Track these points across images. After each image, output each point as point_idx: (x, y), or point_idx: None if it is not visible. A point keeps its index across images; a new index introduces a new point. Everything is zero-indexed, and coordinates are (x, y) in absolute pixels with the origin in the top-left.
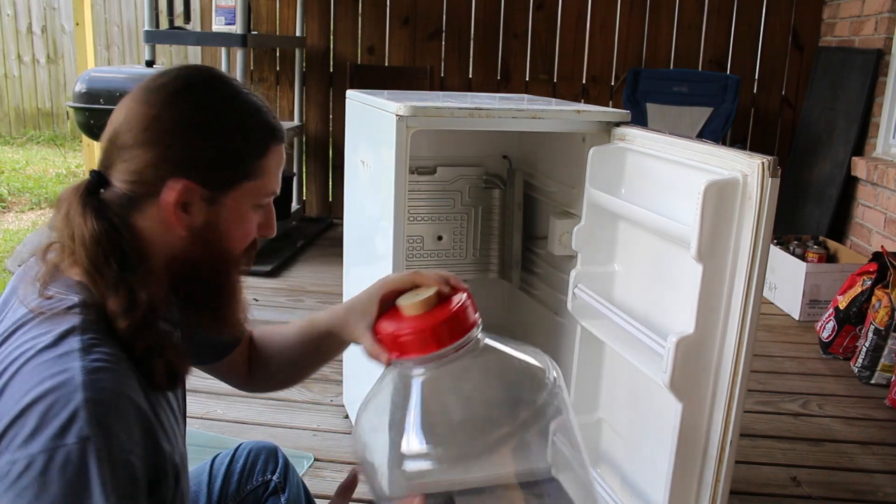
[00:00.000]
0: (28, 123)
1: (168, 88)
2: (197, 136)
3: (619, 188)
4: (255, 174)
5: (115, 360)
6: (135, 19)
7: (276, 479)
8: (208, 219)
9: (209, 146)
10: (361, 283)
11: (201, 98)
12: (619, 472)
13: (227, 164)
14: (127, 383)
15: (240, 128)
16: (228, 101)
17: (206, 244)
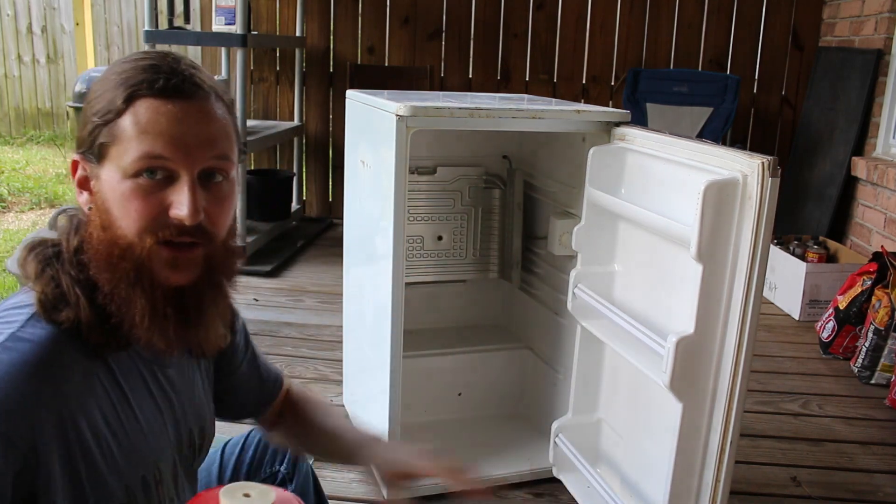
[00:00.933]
0: (28, 123)
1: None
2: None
3: (619, 188)
4: (119, 135)
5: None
6: (135, 19)
7: (284, 469)
8: (98, 195)
9: (84, 115)
10: (361, 283)
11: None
12: (619, 472)
13: (89, 132)
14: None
15: (102, 88)
16: (111, 68)
17: (101, 227)
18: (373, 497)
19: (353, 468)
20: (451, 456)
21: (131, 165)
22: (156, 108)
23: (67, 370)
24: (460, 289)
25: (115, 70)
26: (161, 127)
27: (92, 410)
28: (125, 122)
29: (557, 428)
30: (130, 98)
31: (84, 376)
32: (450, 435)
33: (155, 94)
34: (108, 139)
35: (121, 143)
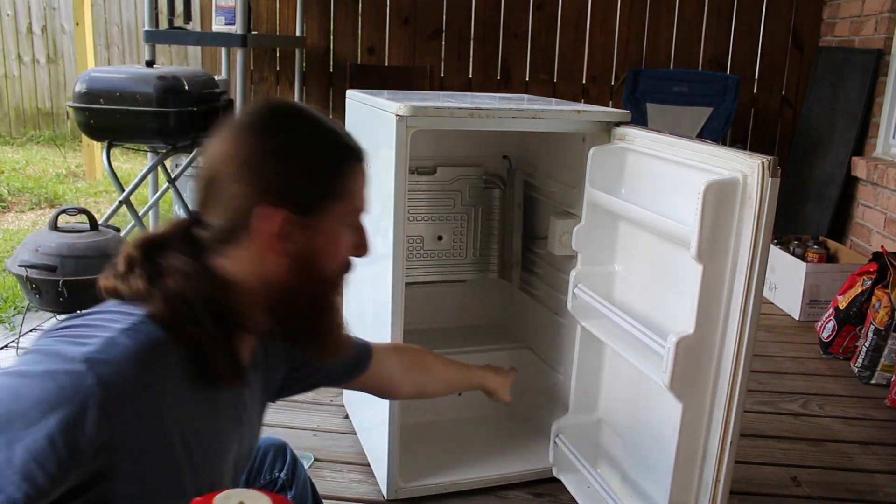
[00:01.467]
0: (28, 123)
1: (252, 124)
2: (283, 163)
3: (619, 188)
4: (342, 194)
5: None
6: (135, 19)
7: (284, 476)
8: (304, 244)
9: (295, 172)
10: (361, 283)
11: (282, 128)
12: (619, 472)
13: (314, 188)
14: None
15: (321, 151)
16: (308, 128)
17: (304, 269)
18: (373, 497)
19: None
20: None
21: (350, 218)
22: (362, 172)
23: (172, 371)
24: (460, 289)
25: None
26: (364, 187)
27: (184, 413)
28: (347, 184)
29: (557, 428)
30: (348, 163)
31: (183, 380)
32: (450, 435)
33: (360, 161)
34: (331, 197)
35: (342, 200)
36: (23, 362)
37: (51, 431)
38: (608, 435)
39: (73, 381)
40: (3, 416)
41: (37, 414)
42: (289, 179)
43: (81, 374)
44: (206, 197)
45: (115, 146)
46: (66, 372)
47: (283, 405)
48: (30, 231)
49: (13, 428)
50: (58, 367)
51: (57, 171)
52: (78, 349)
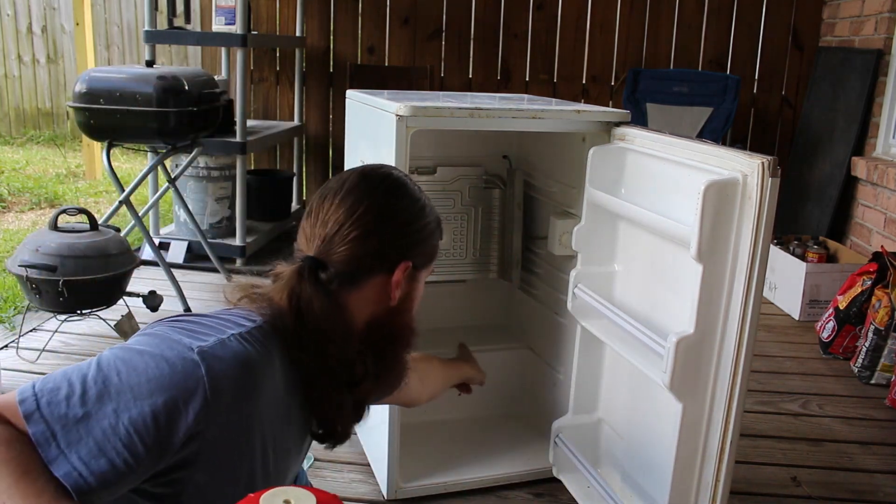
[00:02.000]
0: (28, 123)
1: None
2: (410, 223)
3: (619, 188)
4: (436, 254)
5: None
6: (135, 19)
7: None
8: (408, 291)
9: (418, 231)
10: None
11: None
12: (619, 472)
13: (428, 247)
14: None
15: (430, 218)
16: (418, 197)
17: (403, 312)
18: (373, 497)
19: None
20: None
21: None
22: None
23: (270, 382)
24: (460, 289)
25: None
26: None
27: (271, 425)
28: (438, 246)
29: (557, 428)
30: (442, 229)
31: (278, 395)
32: (450, 435)
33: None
34: (434, 253)
35: (435, 258)
36: (140, 342)
37: (157, 408)
38: (608, 435)
39: (186, 367)
40: (116, 385)
41: (147, 390)
42: (415, 239)
43: (195, 363)
44: (331, 245)
45: (115, 146)
46: (181, 358)
47: None
48: (30, 231)
49: (123, 398)
50: (175, 352)
51: (57, 171)
52: (195, 342)
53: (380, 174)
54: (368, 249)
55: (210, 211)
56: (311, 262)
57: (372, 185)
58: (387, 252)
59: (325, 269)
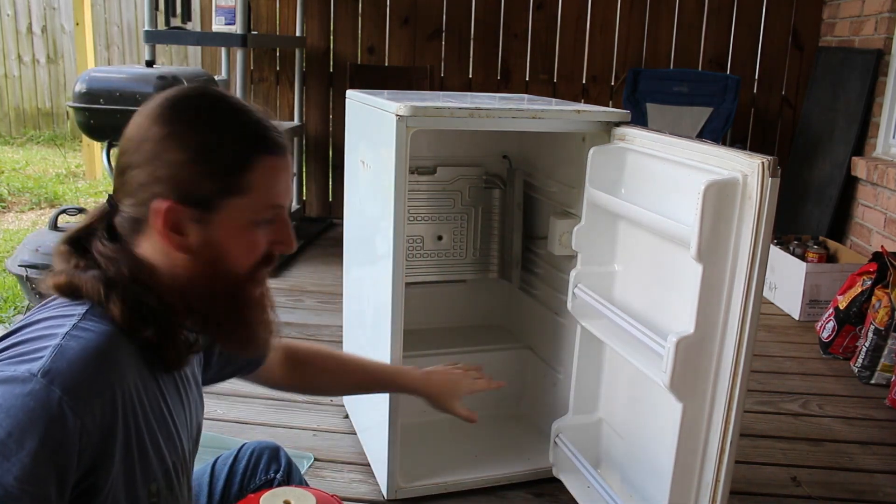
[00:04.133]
0: (28, 123)
1: (163, 109)
2: (182, 154)
3: (619, 188)
4: (246, 189)
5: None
6: (135, 19)
7: (280, 477)
8: (203, 239)
9: (192, 164)
10: (362, 283)
11: (191, 116)
12: (619, 472)
13: (210, 182)
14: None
15: (224, 143)
16: (216, 118)
17: (207, 264)
18: (373, 497)
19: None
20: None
21: (259, 215)
22: (275, 165)
23: (124, 360)
24: (460, 289)
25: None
26: (280, 182)
27: (142, 397)
28: (252, 177)
29: (557, 428)
30: (255, 156)
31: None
32: (450, 435)
33: (273, 152)
34: (231, 190)
35: (247, 195)
36: None
37: (35, 452)
38: (608, 435)
39: (38, 399)
40: None
41: (14, 443)
42: (185, 172)
43: (44, 388)
44: (118, 183)
45: (115, 146)
46: (28, 394)
47: (283, 405)
48: (30, 231)
49: None
50: (17, 391)
51: (57, 171)
52: (30, 365)
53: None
54: (133, 185)
55: None
56: (109, 202)
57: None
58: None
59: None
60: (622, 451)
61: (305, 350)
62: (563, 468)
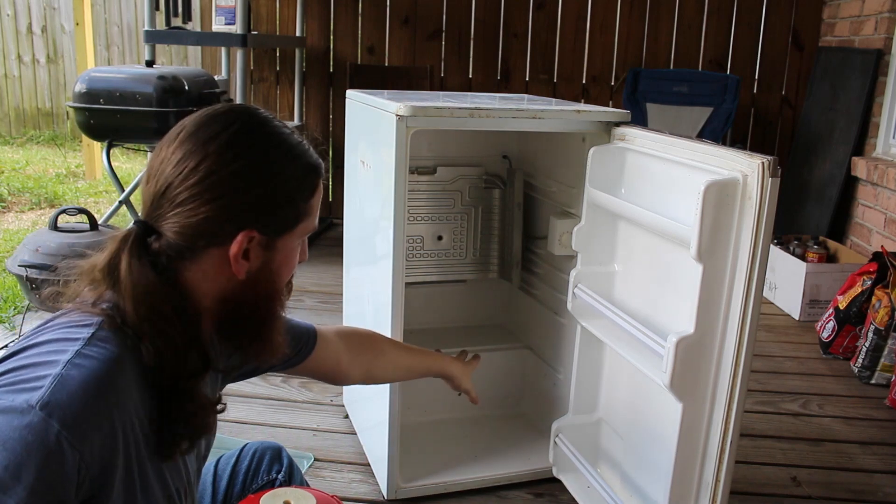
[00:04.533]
0: (28, 123)
1: (215, 138)
2: (252, 186)
3: (619, 188)
4: (306, 214)
5: (114, 363)
6: (135, 19)
7: (282, 478)
8: (263, 262)
9: (265, 195)
10: (362, 283)
11: (249, 146)
12: (619, 472)
13: (283, 210)
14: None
15: (291, 173)
16: (275, 145)
17: (259, 285)
18: (373, 497)
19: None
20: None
21: (303, 235)
22: (322, 188)
23: (128, 386)
24: (460, 289)
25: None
26: (320, 201)
27: (144, 424)
28: (314, 201)
29: (557, 428)
30: (316, 179)
31: (139, 392)
32: (450, 435)
33: (322, 177)
34: (298, 215)
35: (308, 218)
36: None
37: (32, 487)
38: (608, 435)
39: (36, 433)
40: None
41: (10, 478)
42: (261, 204)
43: (42, 422)
44: (159, 208)
45: (115, 146)
46: (26, 427)
47: (283, 405)
48: (30, 231)
49: None
50: (14, 423)
51: (57, 171)
52: (29, 396)
53: (224, 117)
54: (199, 217)
55: None
56: (142, 227)
57: (210, 134)
58: (221, 222)
59: (158, 236)
60: (622, 451)
61: (362, 334)
62: (563, 468)
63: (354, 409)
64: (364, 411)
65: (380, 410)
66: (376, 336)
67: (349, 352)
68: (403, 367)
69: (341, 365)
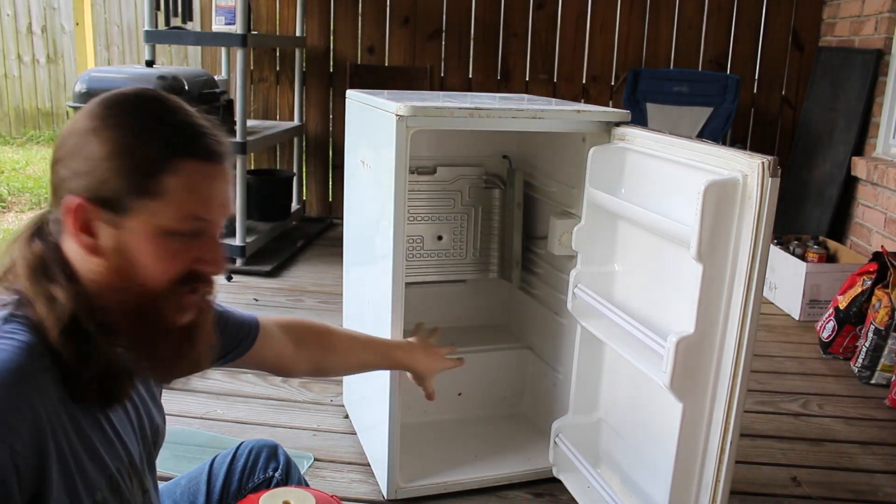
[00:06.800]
0: (28, 123)
1: (92, 104)
2: (97, 148)
3: (619, 188)
4: (158, 192)
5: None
6: (135, 19)
7: (279, 475)
8: (114, 244)
9: (105, 160)
10: (362, 283)
11: (114, 112)
12: (619, 472)
13: (120, 179)
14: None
15: (140, 140)
16: (142, 116)
17: (117, 272)
18: (373, 497)
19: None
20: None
21: (173, 223)
22: (201, 172)
23: (43, 371)
24: (460, 289)
25: (146, 121)
26: (206, 191)
27: (68, 406)
28: (170, 182)
29: (557, 428)
30: (177, 157)
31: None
32: (450, 435)
33: (201, 158)
34: (144, 192)
35: (161, 200)
36: None
37: None
38: (608, 435)
39: None
40: None
41: None
42: (101, 168)
43: None
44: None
45: None
46: None
47: (283, 405)
48: None
49: None
50: None
51: None
52: None
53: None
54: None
55: None
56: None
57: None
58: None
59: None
60: (622, 451)
61: (312, 327)
62: (563, 468)
63: (354, 409)
64: (364, 411)
65: (380, 410)
66: (327, 330)
67: (294, 345)
68: (357, 363)
69: (285, 358)
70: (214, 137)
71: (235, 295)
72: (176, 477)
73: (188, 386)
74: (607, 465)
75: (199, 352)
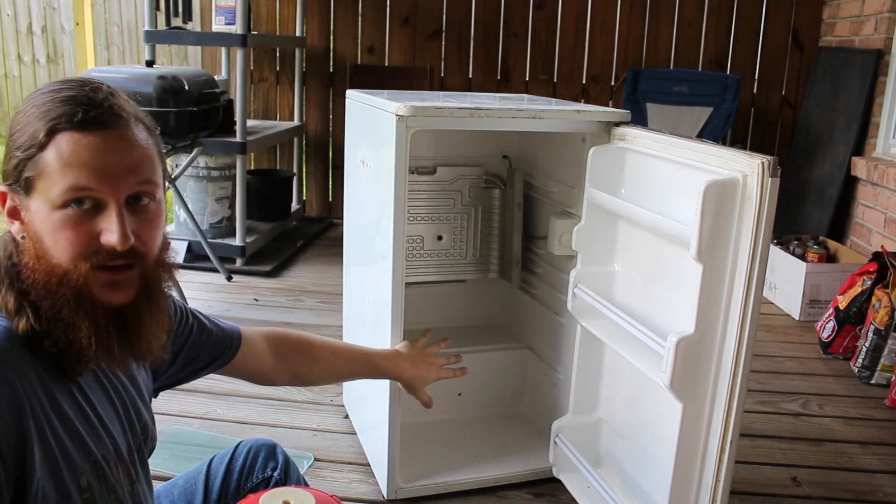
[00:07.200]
0: None
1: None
2: (8, 139)
3: (619, 188)
4: (44, 169)
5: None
6: (135, 19)
7: (278, 475)
8: (29, 225)
9: (10, 147)
10: (362, 283)
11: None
12: (620, 472)
13: (14, 162)
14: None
15: (23, 121)
16: (32, 99)
17: (37, 253)
18: (373, 497)
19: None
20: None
21: (58, 198)
22: (77, 141)
23: (20, 353)
24: (460, 289)
25: (35, 102)
26: (84, 159)
27: (48, 387)
28: (49, 156)
29: (557, 428)
30: (51, 132)
31: (31, 358)
32: (450, 435)
33: (75, 127)
34: (34, 173)
35: (46, 176)
36: None
37: None
38: (608, 435)
39: None
40: None
41: None
42: (9, 155)
43: None
44: None
45: None
46: None
47: (283, 405)
48: None
49: None
50: None
51: None
52: None
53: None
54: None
55: (210, 211)
56: None
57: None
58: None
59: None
60: (622, 451)
61: (293, 339)
62: (563, 468)
63: (354, 409)
64: (364, 411)
65: (380, 410)
66: (307, 342)
67: (275, 357)
68: (341, 375)
69: (265, 369)
70: (102, 105)
71: (235, 295)
72: (174, 477)
73: (188, 386)
74: (607, 465)
75: (141, 334)
